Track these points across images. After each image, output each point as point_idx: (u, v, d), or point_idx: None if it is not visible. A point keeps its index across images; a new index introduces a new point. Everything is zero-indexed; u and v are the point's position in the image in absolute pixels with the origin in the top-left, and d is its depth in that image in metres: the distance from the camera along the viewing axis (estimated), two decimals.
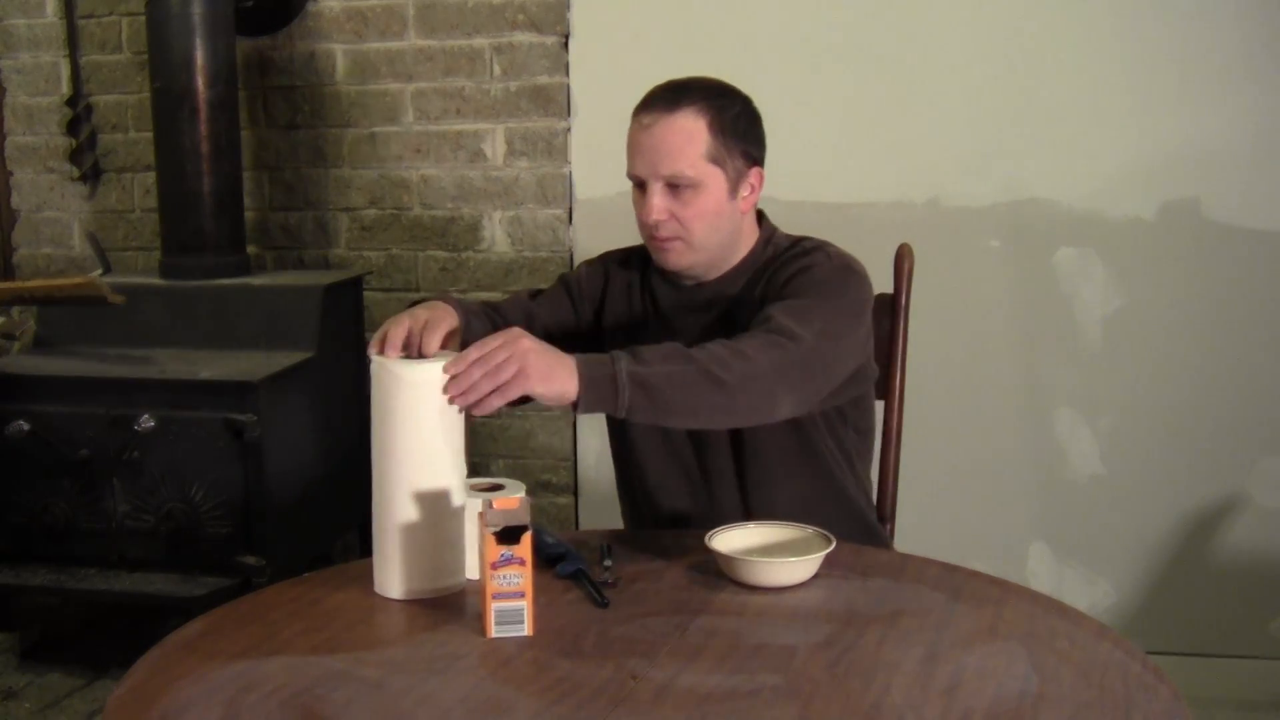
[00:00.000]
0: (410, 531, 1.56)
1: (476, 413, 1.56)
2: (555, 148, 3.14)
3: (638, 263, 2.00)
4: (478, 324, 1.85)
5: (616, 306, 1.99)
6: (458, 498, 1.58)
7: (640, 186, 1.85)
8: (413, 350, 1.67)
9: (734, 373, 1.63)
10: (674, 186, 1.81)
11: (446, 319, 1.72)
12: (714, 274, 1.91)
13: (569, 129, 3.12)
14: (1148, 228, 2.87)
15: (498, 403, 1.54)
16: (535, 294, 2.05)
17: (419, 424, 1.55)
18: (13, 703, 2.81)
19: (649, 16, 3.04)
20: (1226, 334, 2.86)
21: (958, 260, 2.92)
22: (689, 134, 1.80)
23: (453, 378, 1.54)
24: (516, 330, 1.59)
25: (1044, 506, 2.98)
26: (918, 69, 2.92)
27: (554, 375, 1.55)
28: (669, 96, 1.82)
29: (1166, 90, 2.82)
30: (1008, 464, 2.97)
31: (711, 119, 1.82)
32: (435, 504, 1.56)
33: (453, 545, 1.59)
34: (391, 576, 1.57)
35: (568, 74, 3.10)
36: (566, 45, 3.10)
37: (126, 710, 1.31)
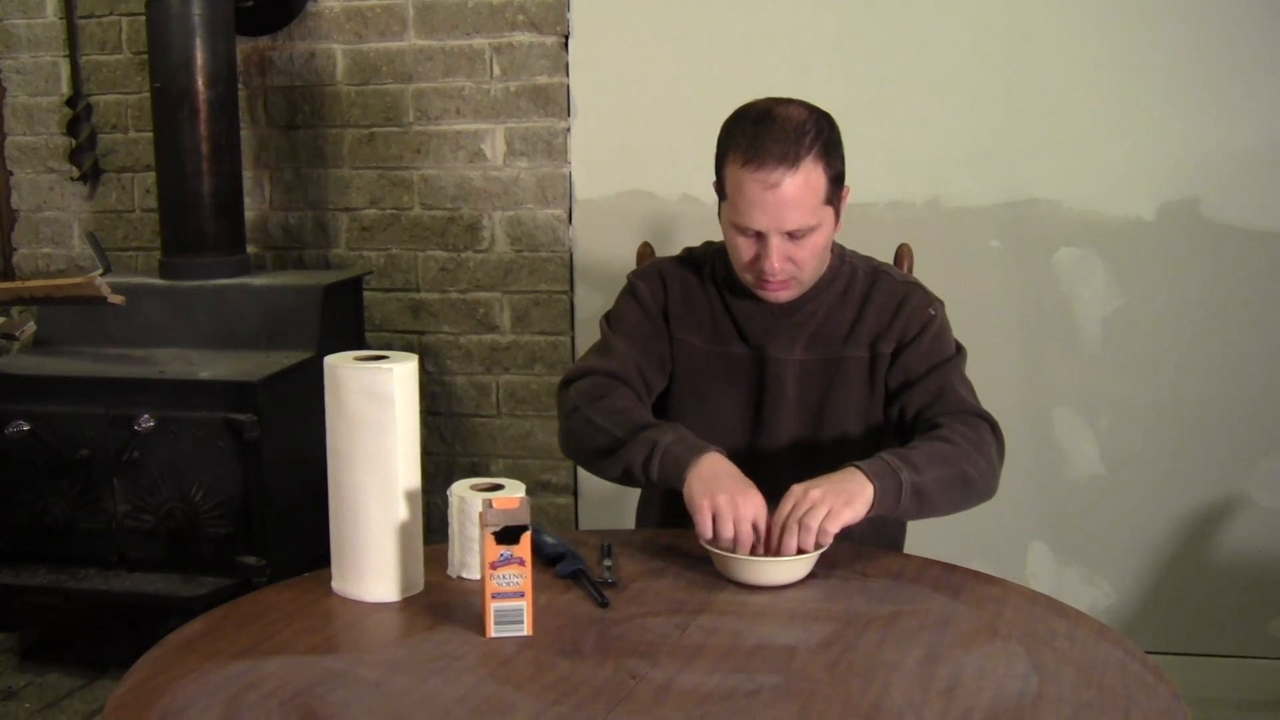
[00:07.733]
0: (366, 536, 1.57)
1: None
2: (555, 148, 3.13)
3: (696, 271, 1.98)
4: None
5: (684, 316, 1.96)
6: (410, 504, 1.58)
7: (745, 232, 1.81)
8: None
9: (979, 468, 1.76)
10: (791, 233, 1.79)
11: (751, 490, 1.67)
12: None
13: (569, 129, 3.12)
14: (1148, 228, 2.87)
15: (826, 541, 1.62)
16: (613, 324, 1.97)
17: (372, 429, 1.55)
18: (13, 703, 2.81)
19: (649, 16, 3.03)
20: (1226, 334, 2.86)
21: (958, 260, 2.92)
22: (812, 186, 1.77)
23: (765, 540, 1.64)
24: (797, 489, 1.63)
25: (1044, 506, 2.98)
26: (918, 69, 2.92)
27: (855, 500, 1.63)
28: (787, 149, 1.76)
29: (1166, 90, 2.82)
30: (1007, 463, 2.95)
31: (826, 163, 1.79)
32: (389, 509, 1.56)
33: (409, 550, 1.59)
34: (353, 580, 1.58)
35: (568, 74, 3.10)
36: (566, 45, 3.09)
37: (126, 710, 1.31)
